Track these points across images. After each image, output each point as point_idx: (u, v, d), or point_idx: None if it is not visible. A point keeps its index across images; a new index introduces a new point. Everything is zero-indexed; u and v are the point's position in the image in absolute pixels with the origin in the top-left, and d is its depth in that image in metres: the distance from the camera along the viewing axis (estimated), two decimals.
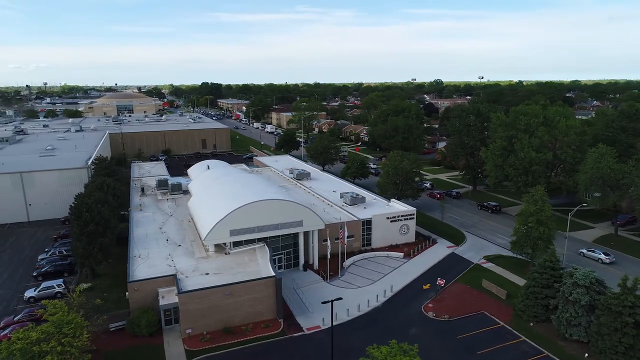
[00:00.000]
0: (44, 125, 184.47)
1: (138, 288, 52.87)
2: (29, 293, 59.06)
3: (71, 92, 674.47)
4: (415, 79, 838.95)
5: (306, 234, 68.32)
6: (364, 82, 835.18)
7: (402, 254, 73.48)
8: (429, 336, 51.65)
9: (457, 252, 75.89)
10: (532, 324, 52.93)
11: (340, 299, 46.69)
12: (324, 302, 44.66)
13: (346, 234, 67.83)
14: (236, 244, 62.79)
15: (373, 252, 74.08)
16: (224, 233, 61.16)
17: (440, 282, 60.16)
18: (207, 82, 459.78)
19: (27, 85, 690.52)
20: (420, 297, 60.17)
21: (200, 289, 51.00)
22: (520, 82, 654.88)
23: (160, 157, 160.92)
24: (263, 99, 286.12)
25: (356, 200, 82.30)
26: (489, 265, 70.25)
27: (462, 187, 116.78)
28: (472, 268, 69.43)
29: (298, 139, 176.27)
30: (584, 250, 73.55)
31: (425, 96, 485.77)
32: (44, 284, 60.30)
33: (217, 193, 72.79)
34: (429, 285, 62.51)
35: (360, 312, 56.56)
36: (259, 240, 63.86)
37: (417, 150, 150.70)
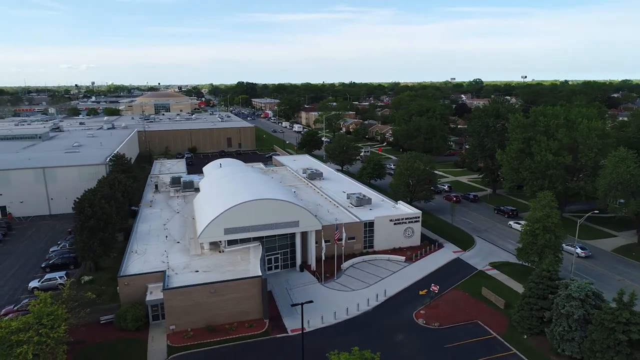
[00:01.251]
0: (80, 123, 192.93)
1: (128, 283, 54.11)
2: (33, 284, 61.64)
3: (116, 91, 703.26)
4: (454, 79, 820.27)
5: (304, 234, 67.89)
6: (401, 81, 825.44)
7: (404, 258, 71.70)
8: (415, 344, 50.04)
9: (463, 257, 73.28)
10: (526, 337, 50.29)
11: (311, 301, 45.89)
12: (293, 305, 44.06)
13: (344, 235, 66.89)
14: (231, 242, 63.15)
15: (374, 255, 72.65)
16: (219, 231, 61.62)
17: (434, 288, 58.17)
18: (243, 82, 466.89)
19: (75, 85, 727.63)
20: (414, 303, 58.41)
21: (185, 286, 51.57)
22: (566, 81, 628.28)
23: (186, 155, 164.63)
24: (293, 98, 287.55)
25: (362, 202, 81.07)
26: (494, 273, 67.40)
27: (481, 191, 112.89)
28: (475, 275, 66.83)
29: (324, 138, 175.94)
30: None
31: (463, 96, 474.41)
32: (47, 276, 62.80)
33: (218, 191, 73.55)
34: (425, 291, 60.61)
35: (348, 315, 55.52)
36: (255, 239, 63.96)
37: (440, 151, 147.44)
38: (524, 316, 50.55)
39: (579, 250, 71.07)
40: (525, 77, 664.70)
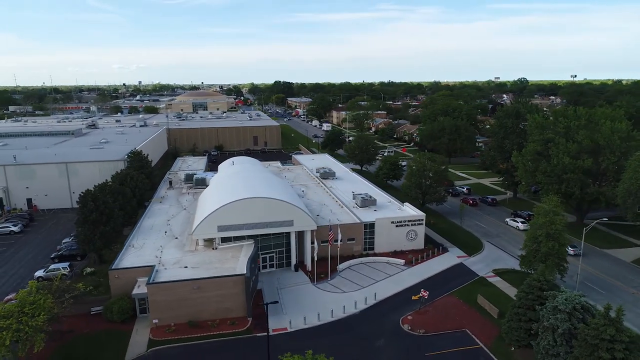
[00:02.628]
0: (117, 120, 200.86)
1: (119, 276, 55.69)
2: (38, 273, 64.54)
3: (161, 90, 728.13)
4: (498, 78, 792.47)
5: (300, 234, 67.56)
6: (443, 81, 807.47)
7: (403, 261, 69.93)
8: (395, 350, 48.62)
9: (467, 262, 70.62)
10: (513, 349, 47.77)
11: (276, 302, 45.51)
12: (264, 304, 43.74)
13: (339, 236, 65.95)
14: (225, 240, 63.73)
15: (373, 257, 71.27)
16: (212, 228, 62.33)
17: (424, 293, 56.29)
18: (279, 81, 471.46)
19: (124, 84, 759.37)
20: (403, 308, 56.79)
21: (168, 281, 52.49)
22: (619, 81, 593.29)
23: (212, 153, 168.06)
24: (325, 97, 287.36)
25: (366, 202, 79.75)
26: (495, 280, 64.49)
27: (502, 194, 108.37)
28: (475, 281, 64.20)
29: (351, 138, 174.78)
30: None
31: (504, 96, 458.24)
32: (51, 266, 65.63)
33: (219, 189, 74.41)
34: (418, 296, 58.74)
35: (333, 317, 54.69)
36: (249, 237, 64.26)
37: (465, 152, 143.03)
38: (512, 327, 47.97)
39: (568, 249, 66.75)
40: (575, 76, 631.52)
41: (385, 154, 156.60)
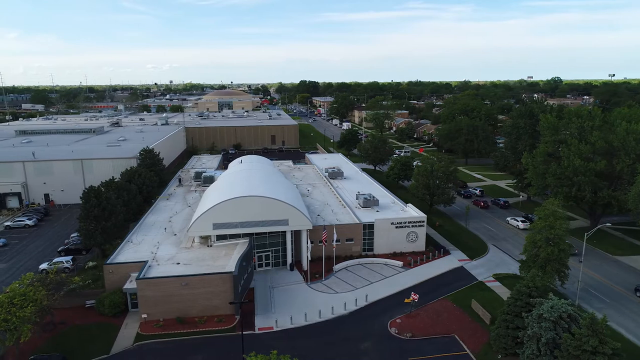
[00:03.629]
0: (140, 119, 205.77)
1: (113, 270, 56.96)
2: (43, 266, 66.69)
3: (191, 90, 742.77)
4: (531, 77, 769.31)
5: (296, 233, 67.41)
6: (474, 80, 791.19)
7: (401, 263, 68.77)
8: (378, 353, 47.82)
9: (468, 266, 68.84)
10: (500, 357, 46.18)
11: (249, 301, 45.33)
12: (230, 303, 43.79)
13: (335, 236, 65.42)
14: (221, 237, 64.25)
15: (372, 259, 70.37)
16: (207, 226, 62.95)
17: (414, 297, 55.11)
18: (305, 80, 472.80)
19: (155, 83, 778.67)
20: (394, 311, 55.82)
21: (157, 277, 53.32)
22: None
23: (230, 151, 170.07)
24: (347, 96, 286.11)
25: (369, 203, 78.86)
26: (494, 285, 62.56)
27: (517, 197, 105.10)
28: (473, 286, 62.46)
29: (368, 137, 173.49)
30: None
31: (535, 95, 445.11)
32: (55, 259, 67.77)
33: (219, 187, 75.06)
34: (411, 299, 57.59)
35: (321, 318, 54.31)
36: (244, 235, 64.56)
37: (482, 153, 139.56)
38: (500, 334, 46.41)
39: None
40: (614, 75, 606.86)
41: (402, 154, 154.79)
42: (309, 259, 63.40)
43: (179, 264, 57.82)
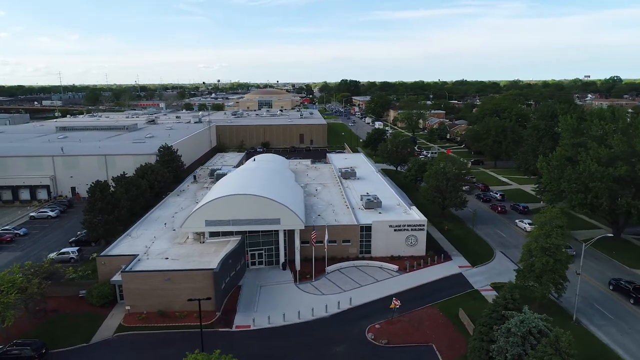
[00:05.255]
0: (177, 117, 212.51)
1: (105, 262, 59.12)
2: (51, 255, 70.28)
3: (237, 89, 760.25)
4: (588, 76, 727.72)
5: (290, 233, 67.16)
6: (526, 79, 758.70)
7: (397, 267, 66.92)
8: (349, 358, 46.73)
9: (467, 273, 66.00)
10: None
11: (209, 299, 45.42)
12: (189, 300, 44.10)
13: (326, 237, 64.61)
14: (214, 234, 65.12)
15: (367, 261, 68.97)
16: (200, 223, 63.98)
17: (396, 302, 53.33)
18: (346, 79, 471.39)
19: (203, 82, 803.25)
20: (375, 316, 54.36)
21: (141, 270, 54.78)
22: None
23: (259, 150, 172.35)
24: (383, 95, 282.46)
25: (371, 204, 77.32)
26: (490, 294, 59.43)
27: (539, 202, 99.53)
28: (466, 294, 59.77)
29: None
30: None
31: (590, 95, 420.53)
32: (62, 250, 71.23)
33: (220, 185, 76.14)
34: (393, 305, 55.63)
35: (300, 319, 53.78)
36: (237, 233, 65.09)
37: (510, 156, 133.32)
38: (475, 347, 43.97)
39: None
40: None
41: (429, 155, 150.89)
42: (299, 258, 62.89)
43: (167, 258, 59.12)
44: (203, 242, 64.51)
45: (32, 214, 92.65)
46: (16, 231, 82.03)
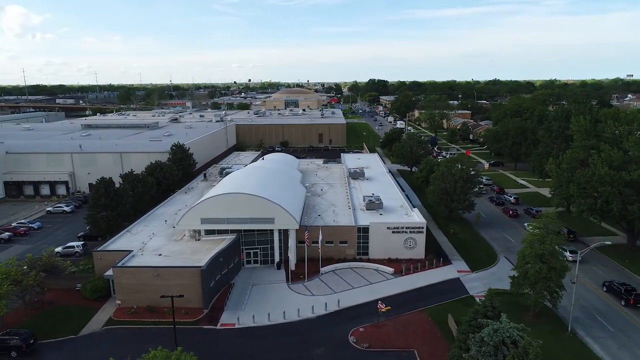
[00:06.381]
0: (200, 116, 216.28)
1: (101, 257, 60.65)
2: (58, 249, 72.73)
3: (268, 88, 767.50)
4: (631, 75, 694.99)
5: (285, 232, 67.03)
6: (565, 79, 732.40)
7: (392, 270, 65.68)
8: None
9: (465, 278, 64.09)
10: None
11: (182, 296, 45.68)
12: (162, 296, 44.47)
13: (320, 237, 64.11)
14: (209, 232, 65.77)
15: (363, 263, 68.01)
16: (196, 220, 64.78)
17: (381, 306, 52.28)
18: (374, 79, 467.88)
19: (234, 82, 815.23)
20: (361, 319, 53.47)
21: (132, 266, 55.89)
22: None
23: (277, 149, 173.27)
24: (408, 95, 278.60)
25: (372, 205, 76.26)
26: None
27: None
28: (460, 300, 58.00)
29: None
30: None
31: (630, 95, 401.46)
32: (68, 244, 73.56)
33: (222, 183, 76.92)
34: (387, 308, 54.58)
35: (285, 319, 53.55)
36: (233, 232, 65.50)
37: (529, 158, 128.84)
38: (454, 355, 42.59)
39: (567, 254, 64.22)
40: None
41: (447, 155, 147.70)
42: (290, 258, 62.66)
43: (160, 255, 60.12)
44: (198, 240, 65.23)
45: (48, 209, 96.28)
46: (31, 225, 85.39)
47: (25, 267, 53.42)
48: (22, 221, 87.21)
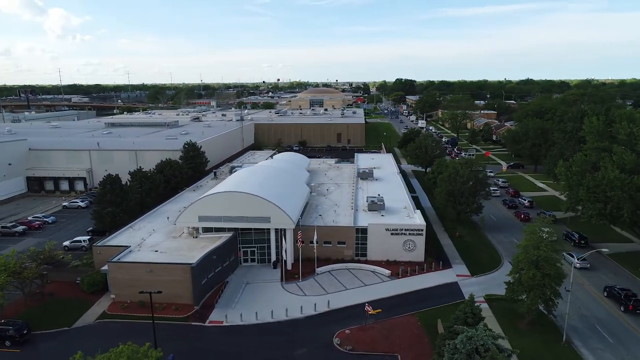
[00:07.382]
0: (222, 114, 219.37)
1: (100, 252, 62.19)
2: (66, 243, 75.09)
3: (295, 88, 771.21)
4: None
5: (282, 232, 66.96)
6: (602, 78, 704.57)
7: (389, 272, 64.63)
8: None
9: (463, 282, 62.50)
10: None
11: (160, 292, 46.12)
12: (140, 292, 45.05)
13: (315, 237, 63.78)
14: (207, 230, 66.45)
15: (360, 264, 67.21)
16: (193, 218, 65.58)
17: (368, 308, 51.46)
18: (401, 79, 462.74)
19: (263, 81, 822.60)
20: (350, 321, 52.85)
21: (126, 261, 57.05)
22: None
23: (295, 148, 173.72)
24: (433, 95, 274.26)
25: (374, 206, 75.37)
26: (482, 307, 55.57)
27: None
28: (454, 305, 55.77)
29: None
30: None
31: None
32: (75, 238, 75.82)
33: (224, 182, 77.53)
34: (378, 310, 53.71)
35: (273, 319, 53.54)
36: (230, 230, 65.95)
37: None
38: None
39: (575, 260, 62.73)
40: None
41: (466, 156, 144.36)
42: (284, 257, 62.57)
43: (156, 251, 61.13)
44: (196, 237, 66.01)
45: (64, 204, 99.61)
46: (45, 219, 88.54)
47: (26, 260, 55.25)
48: (38, 215, 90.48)
